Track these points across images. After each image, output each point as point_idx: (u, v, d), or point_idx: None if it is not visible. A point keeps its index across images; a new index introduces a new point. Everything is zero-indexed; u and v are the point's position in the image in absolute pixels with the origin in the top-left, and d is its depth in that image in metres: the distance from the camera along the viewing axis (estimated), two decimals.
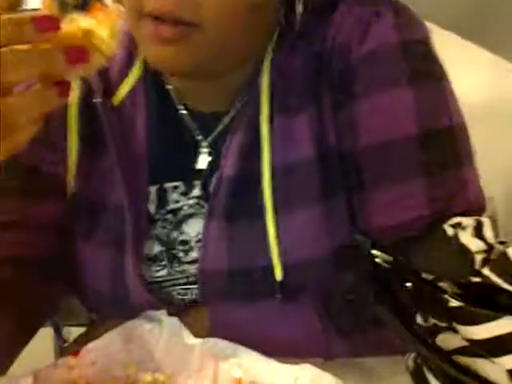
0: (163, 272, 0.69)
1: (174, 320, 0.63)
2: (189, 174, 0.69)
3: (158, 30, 0.57)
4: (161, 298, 0.68)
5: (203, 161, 0.69)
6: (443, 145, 0.63)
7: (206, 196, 0.68)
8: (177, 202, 0.69)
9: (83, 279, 0.70)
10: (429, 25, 0.68)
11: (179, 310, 0.66)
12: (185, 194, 0.69)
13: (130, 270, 0.66)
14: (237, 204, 0.65)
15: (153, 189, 0.69)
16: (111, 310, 0.69)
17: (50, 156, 0.69)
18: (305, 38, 0.65)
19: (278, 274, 0.63)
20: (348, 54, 0.63)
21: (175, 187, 0.69)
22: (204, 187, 0.68)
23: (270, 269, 0.64)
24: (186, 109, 0.70)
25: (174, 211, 0.69)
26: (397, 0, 0.66)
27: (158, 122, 0.69)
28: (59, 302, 0.76)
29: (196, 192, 0.68)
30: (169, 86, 0.70)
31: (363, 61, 0.63)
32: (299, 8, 0.64)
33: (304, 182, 0.64)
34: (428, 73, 0.64)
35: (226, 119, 0.68)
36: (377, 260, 0.59)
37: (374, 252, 0.59)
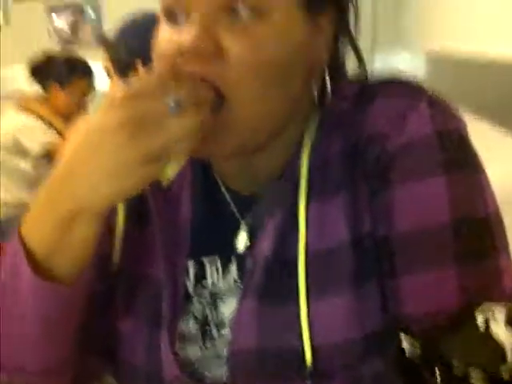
0: (196, 350, 0.69)
1: None
2: (226, 251, 0.70)
3: None
4: (192, 376, 0.68)
5: (241, 239, 0.70)
6: (477, 234, 0.63)
7: (242, 275, 0.69)
8: (214, 278, 0.70)
9: (120, 353, 0.71)
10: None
11: None
12: (222, 270, 0.70)
13: (165, 346, 0.67)
14: (270, 285, 0.66)
15: (191, 263, 0.70)
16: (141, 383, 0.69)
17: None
18: (343, 125, 0.67)
19: (308, 358, 0.63)
20: (385, 143, 0.65)
21: (213, 262, 0.70)
22: (241, 267, 0.69)
23: (300, 352, 0.63)
24: (228, 188, 0.72)
25: (211, 288, 0.70)
26: (432, 91, 0.68)
27: (202, 200, 0.72)
28: (96, 378, 0.76)
29: (233, 271, 0.69)
30: (213, 167, 0.73)
31: (399, 150, 0.64)
32: (329, 87, 0.67)
33: (338, 267, 0.65)
34: (463, 162, 0.65)
35: (264, 200, 0.70)
36: (406, 347, 0.58)
37: (404, 339, 0.59)
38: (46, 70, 2.80)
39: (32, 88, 2.88)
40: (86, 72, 2.86)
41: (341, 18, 0.68)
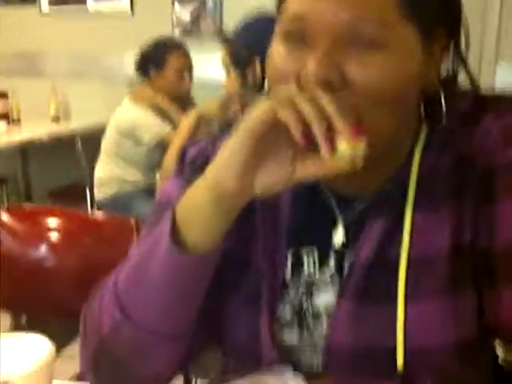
0: (293, 337, 0.74)
1: (299, 378, 0.68)
2: (324, 245, 0.74)
3: None
4: (288, 360, 0.73)
5: (339, 235, 0.74)
6: None
7: (339, 272, 0.73)
8: (310, 269, 0.74)
9: (223, 329, 0.76)
10: None
11: (305, 373, 0.71)
12: (319, 263, 0.74)
13: (264, 329, 0.72)
14: (369, 285, 0.69)
15: (290, 253, 0.75)
16: (243, 362, 0.75)
17: None
18: (453, 140, 0.70)
19: (400, 359, 0.66)
20: (492, 158, 0.67)
21: (310, 254, 0.74)
22: (339, 262, 0.73)
23: (393, 352, 0.67)
24: (328, 186, 0.75)
25: (308, 280, 0.74)
26: None
27: (302, 194, 0.75)
28: (201, 350, 0.82)
29: (331, 267, 0.73)
30: None
31: (506, 166, 0.66)
32: (444, 108, 0.69)
33: (436, 273, 0.67)
34: None
35: (365, 202, 0.73)
36: (501, 355, 0.60)
37: (499, 347, 0.61)
38: (145, 60, 2.96)
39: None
40: (175, 46, 2.98)
41: (452, 43, 0.70)
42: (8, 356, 0.66)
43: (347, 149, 0.59)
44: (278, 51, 0.67)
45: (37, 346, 0.68)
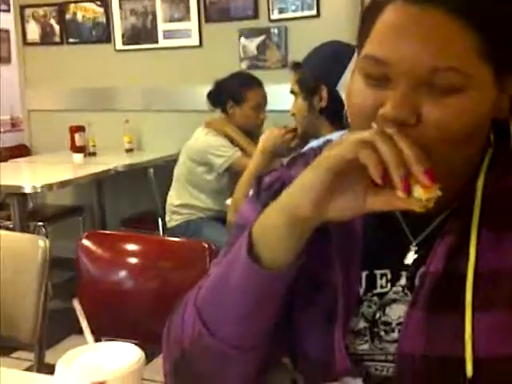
0: (365, 346, 0.77)
1: None
2: (396, 266, 0.78)
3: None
4: (360, 369, 0.76)
5: (410, 257, 0.77)
6: None
7: (410, 286, 0.76)
8: (383, 287, 0.78)
9: (296, 343, 0.80)
10: None
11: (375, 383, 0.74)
12: (391, 281, 0.77)
13: (338, 340, 0.76)
14: (438, 298, 0.72)
15: (364, 273, 0.79)
16: (314, 371, 0.79)
17: None
18: None
19: (469, 370, 0.68)
20: None
21: (383, 274, 0.78)
22: (410, 279, 0.76)
23: (462, 361, 0.69)
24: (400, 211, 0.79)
25: (380, 295, 0.78)
26: None
27: (373, 218, 0.78)
28: (274, 365, 0.85)
29: (402, 281, 0.77)
30: None
31: None
32: None
33: (504, 288, 0.70)
34: None
35: (435, 223, 0.76)
36: None
37: None
38: (221, 92, 3.05)
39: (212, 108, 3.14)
40: (254, 84, 3.05)
41: None
42: (104, 360, 0.74)
43: (423, 194, 0.62)
44: (357, 88, 0.71)
45: (129, 353, 0.75)
